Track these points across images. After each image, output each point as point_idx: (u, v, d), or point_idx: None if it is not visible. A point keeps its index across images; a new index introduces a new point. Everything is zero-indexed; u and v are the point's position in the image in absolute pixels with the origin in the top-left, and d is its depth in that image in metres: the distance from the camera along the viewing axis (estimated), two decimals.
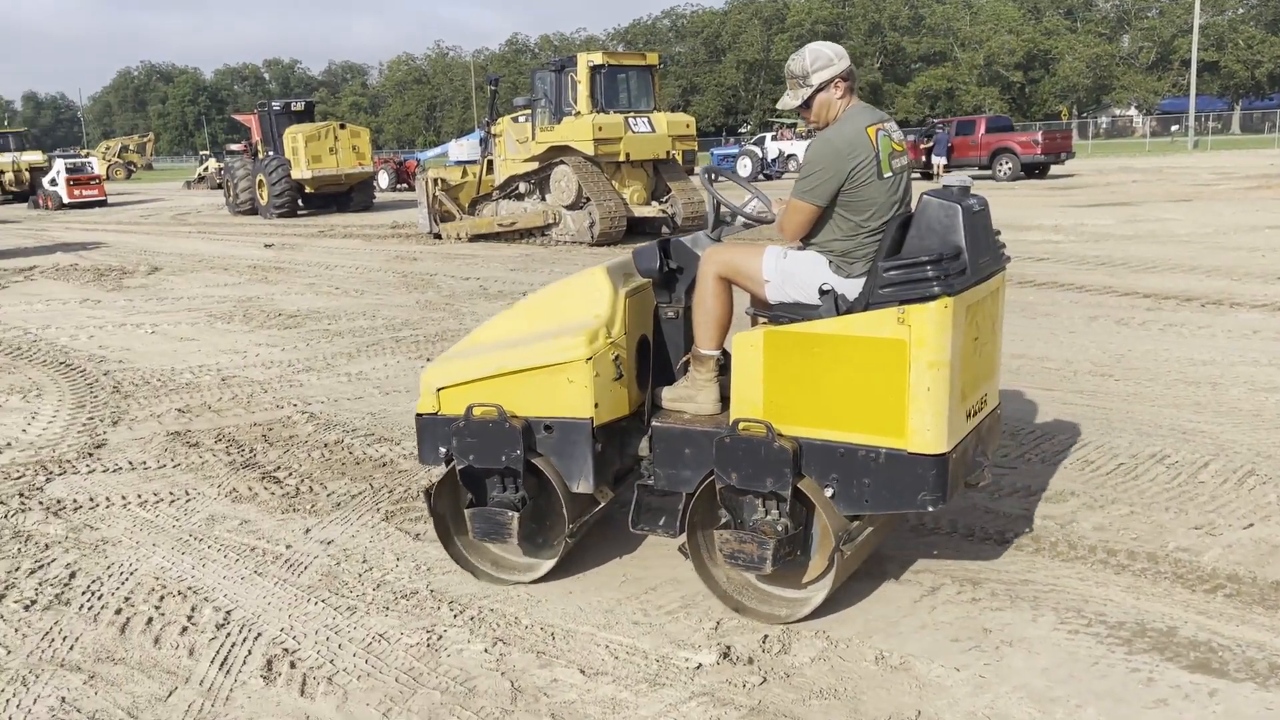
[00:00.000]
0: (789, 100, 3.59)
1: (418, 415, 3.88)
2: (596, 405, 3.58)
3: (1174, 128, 59.91)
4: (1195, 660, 3.10)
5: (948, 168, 29.06)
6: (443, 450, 3.81)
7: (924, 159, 29.82)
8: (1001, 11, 70.47)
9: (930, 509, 3.19)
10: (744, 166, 35.00)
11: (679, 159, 17.24)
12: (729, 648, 3.26)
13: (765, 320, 3.61)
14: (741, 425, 3.32)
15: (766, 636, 3.32)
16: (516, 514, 3.68)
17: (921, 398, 3.10)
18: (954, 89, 69.82)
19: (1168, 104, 67.54)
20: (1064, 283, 10.21)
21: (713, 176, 4.06)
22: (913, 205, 3.46)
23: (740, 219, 3.94)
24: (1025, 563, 3.84)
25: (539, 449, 3.68)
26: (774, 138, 42.08)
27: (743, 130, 71.45)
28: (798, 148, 39.78)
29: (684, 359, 3.80)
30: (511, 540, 3.73)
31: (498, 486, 3.79)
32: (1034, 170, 28.37)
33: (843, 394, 3.21)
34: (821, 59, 3.51)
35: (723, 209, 3.92)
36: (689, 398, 3.66)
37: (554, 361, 3.58)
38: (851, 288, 3.41)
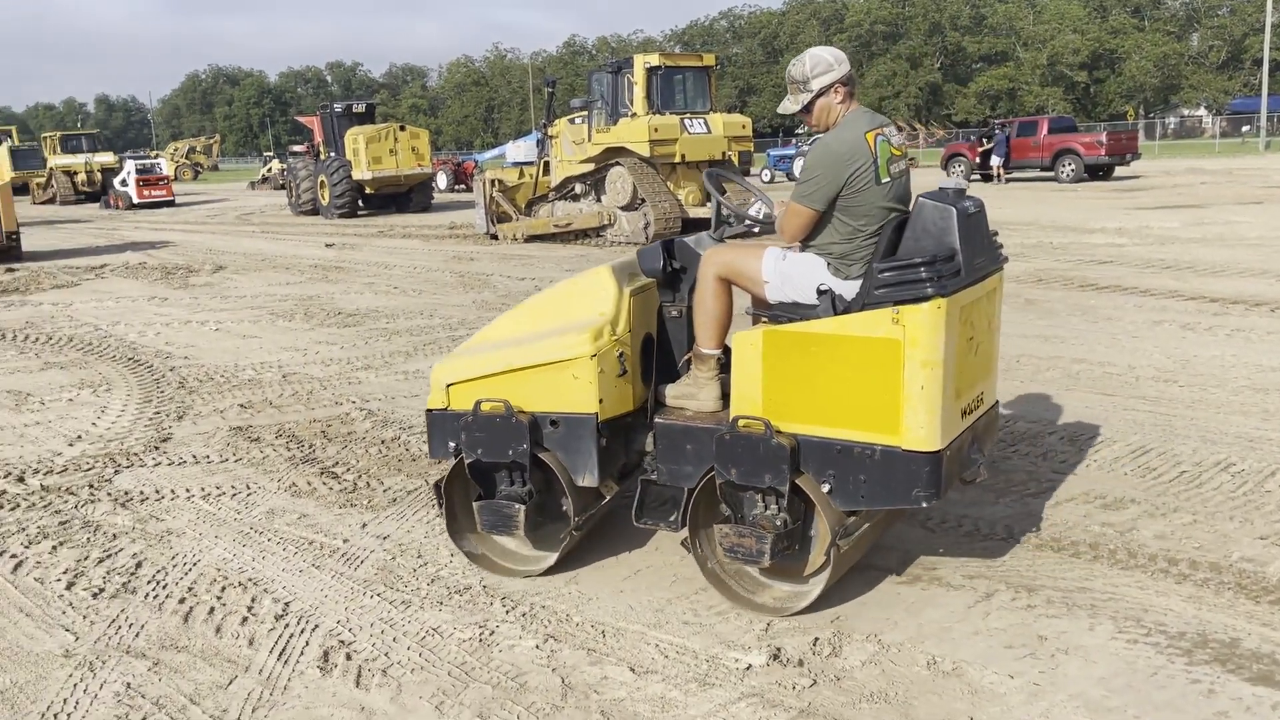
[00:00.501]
0: (789, 105, 3.66)
1: (428, 410, 3.97)
2: (601, 401, 3.66)
3: (1245, 128, 58.25)
4: (1258, 673, 3.03)
5: (1007, 169, 28.63)
6: (452, 444, 3.89)
7: (979, 160, 29.40)
8: (1066, 10, 69.12)
9: (924, 505, 3.25)
10: (799, 167, 34.74)
11: (735, 160, 17.21)
12: (779, 649, 3.25)
13: (765, 320, 3.67)
14: (741, 422, 3.39)
15: (817, 639, 3.31)
16: (523, 507, 3.76)
17: (915, 396, 3.16)
18: (1016, 89, 68.69)
19: (1238, 104, 65.61)
20: (1127, 286, 10.00)
21: (716, 178, 4.13)
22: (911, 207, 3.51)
23: (744, 221, 4.01)
24: (1083, 570, 3.78)
25: (545, 443, 3.76)
26: None
27: (799, 131, 71.00)
28: None
29: (686, 357, 3.87)
30: (518, 532, 3.81)
31: (505, 480, 3.89)
32: (1098, 172, 27.80)
33: (839, 392, 3.28)
34: (822, 64, 3.56)
35: (724, 210, 3.99)
36: (691, 395, 3.73)
37: (560, 358, 3.67)
38: (849, 289, 3.46)
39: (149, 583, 3.93)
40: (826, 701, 2.97)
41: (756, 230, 4.18)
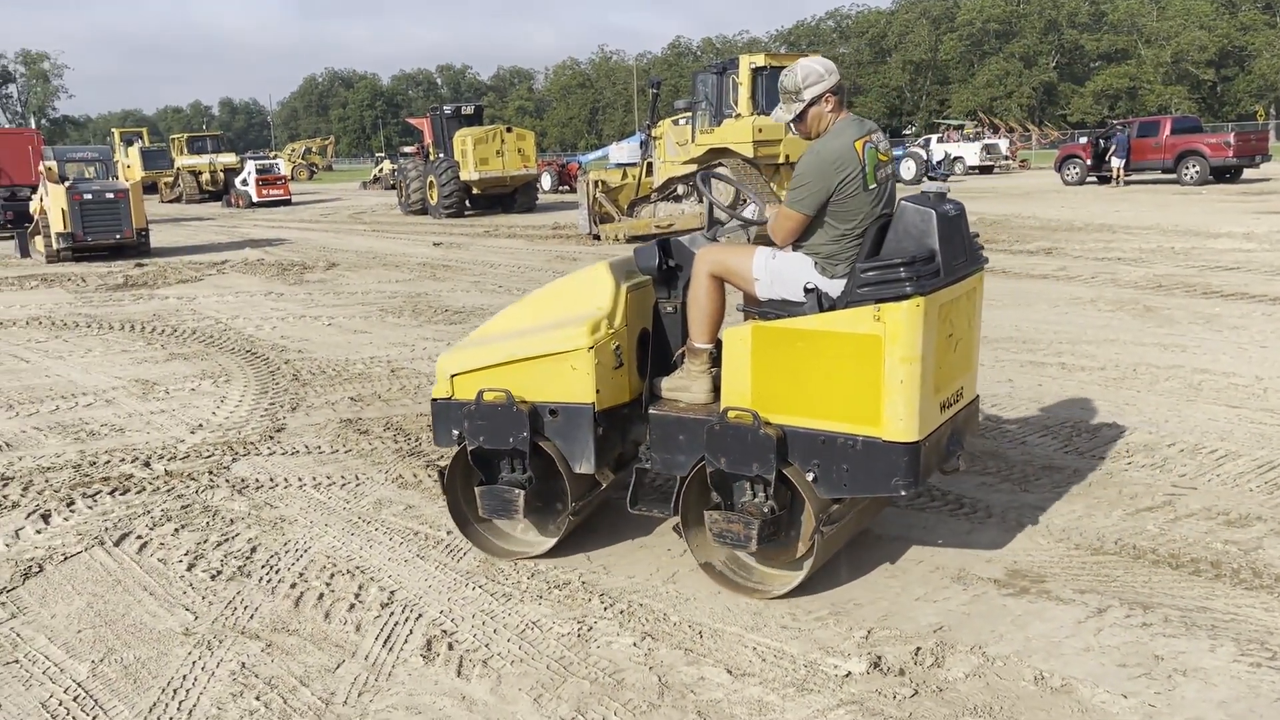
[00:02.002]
0: (782, 115, 3.81)
1: (433, 400, 4.14)
2: (598, 391, 3.82)
3: None
4: None
5: (1128, 171, 27.59)
6: (455, 432, 4.07)
7: (1090, 162, 28.39)
8: (1192, 6, 66.23)
9: (903, 493, 3.38)
10: (908, 169, 34.10)
11: None
12: (879, 657, 3.20)
13: (755, 316, 3.79)
14: (731, 413, 3.54)
15: (919, 649, 3.25)
16: (522, 492, 3.92)
17: (895, 390, 3.30)
18: (1136, 88, 66.14)
19: None
20: (1255, 294, 9.53)
21: (709, 180, 4.16)
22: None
23: (735, 221, 4.12)
24: (1203, 589, 3.62)
25: (545, 432, 3.93)
26: (940, 139, 40.94)
27: (907, 132, 69.69)
28: (965, 150, 38.61)
29: (680, 351, 4.01)
30: (518, 517, 3.98)
31: (506, 467, 4.06)
32: (1225, 174, 26.56)
33: (824, 385, 3.43)
34: (813, 75, 3.70)
35: (716, 211, 4.13)
36: (684, 388, 3.88)
37: (559, 350, 3.83)
38: (834, 287, 3.62)
39: (263, 567, 4.08)
40: (928, 713, 2.91)
41: (749, 230, 4.27)
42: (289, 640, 3.47)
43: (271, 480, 5.14)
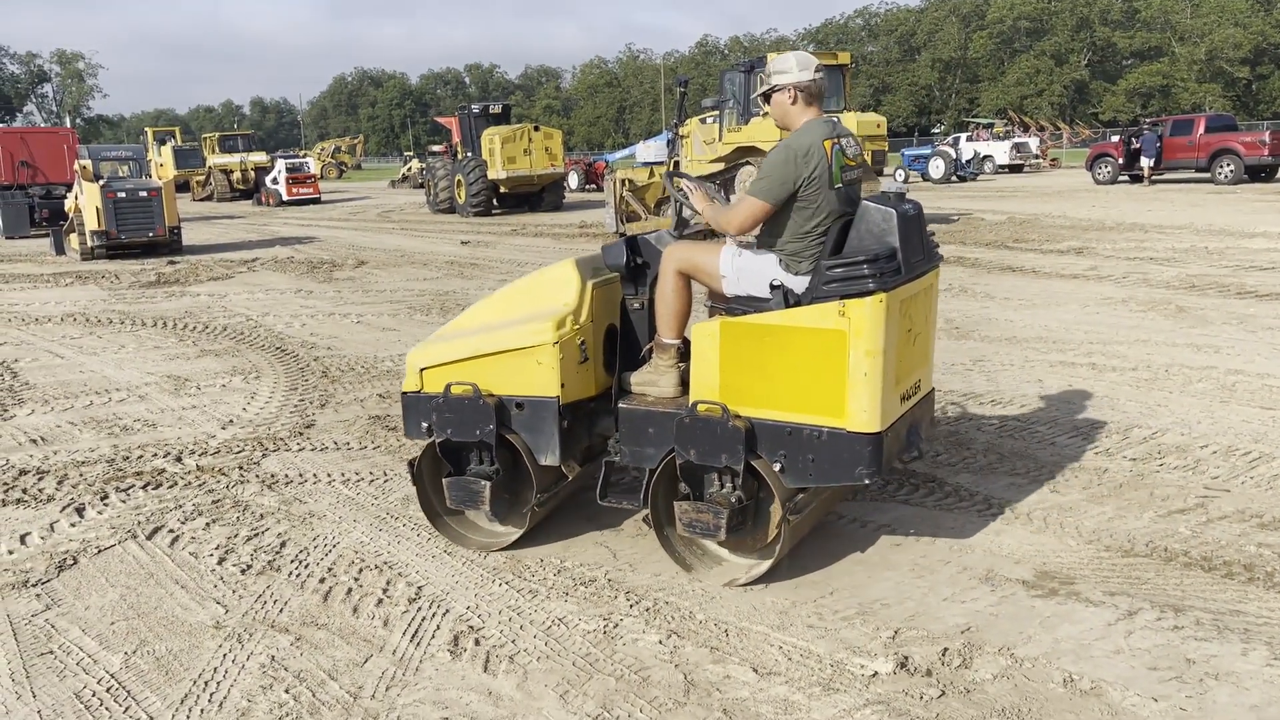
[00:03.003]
0: (758, 91, 3.98)
1: (403, 393, 4.23)
2: (563, 385, 3.91)
3: None
4: None
5: (1156, 170, 27.28)
6: (424, 425, 4.15)
7: (1122, 161, 28.08)
8: (1226, 3, 65.30)
9: (866, 482, 3.51)
10: (936, 168, 33.88)
11: (869, 160, 16.89)
12: (906, 658, 3.19)
13: (722, 312, 3.88)
14: (700, 406, 3.63)
15: (946, 650, 3.23)
16: (488, 484, 4.00)
17: (859, 382, 3.42)
18: (1170, 86, 65.29)
19: None
20: None
21: (674, 178, 4.29)
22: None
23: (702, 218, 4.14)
24: (1237, 592, 3.58)
25: (511, 425, 4.02)
26: (969, 138, 40.61)
27: (935, 130, 69.22)
28: (995, 148, 38.28)
29: (648, 347, 4.09)
30: (484, 507, 4.06)
31: (473, 459, 4.14)
32: (1260, 173, 26.18)
33: (790, 379, 3.53)
34: (783, 65, 3.83)
35: (684, 210, 4.23)
36: (652, 382, 3.98)
37: (524, 345, 3.93)
38: (799, 284, 3.72)
39: (292, 561, 4.12)
40: (955, 714, 2.89)
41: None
42: (318, 634, 3.50)
43: (301, 476, 5.19)
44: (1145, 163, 27.14)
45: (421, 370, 4.16)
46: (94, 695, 3.14)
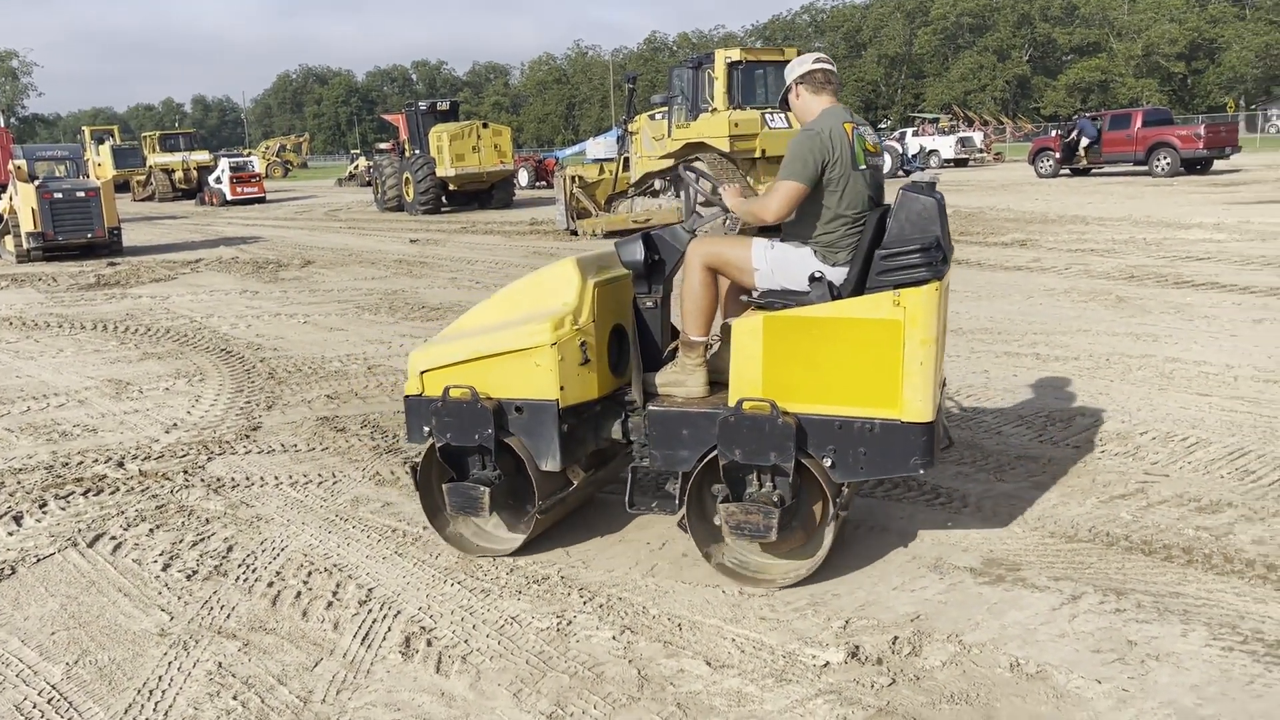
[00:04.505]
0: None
1: (405, 396, 4.12)
2: (562, 388, 3.80)
3: None
4: None
5: (1094, 157, 28.01)
6: (425, 429, 4.04)
7: (1059, 155, 28.69)
8: None
9: (920, 471, 3.48)
10: (884, 162, 34.27)
11: None
12: (857, 647, 3.22)
13: (753, 307, 3.82)
14: (746, 404, 3.53)
15: (896, 638, 3.27)
16: (488, 489, 3.91)
17: (915, 372, 3.40)
18: (1108, 81, 66.65)
19: None
20: (1226, 284, 9.64)
21: (692, 172, 4.22)
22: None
23: (716, 213, 4.09)
24: (1176, 575, 3.66)
25: (510, 429, 3.91)
26: (915, 133, 41.11)
27: (883, 126, 69.94)
28: (940, 143, 38.78)
29: (672, 345, 4.03)
30: (484, 514, 3.98)
31: (476, 464, 4.04)
32: (1195, 166, 26.83)
33: (840, 371, 3.48)
34: (795, 64, 3.92)
35: (695, 202, 4.14)
36: (679, 382, 3.88)
37: (522, 346, 3.82)
38: (838, 275, 3.70)
39: (239, 566, 4.06)
40: (905, 701, 2.93)
41: (734, 221, 4.26)
42: (266, 639, 3.45)
43: (247, 479, 5.11)
44: (1084, 142, 27.85)
45: (422, 373, 4.04)
46: (35, 707, 3.07)
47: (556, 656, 3.26)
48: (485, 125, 25.81)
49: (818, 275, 3.67)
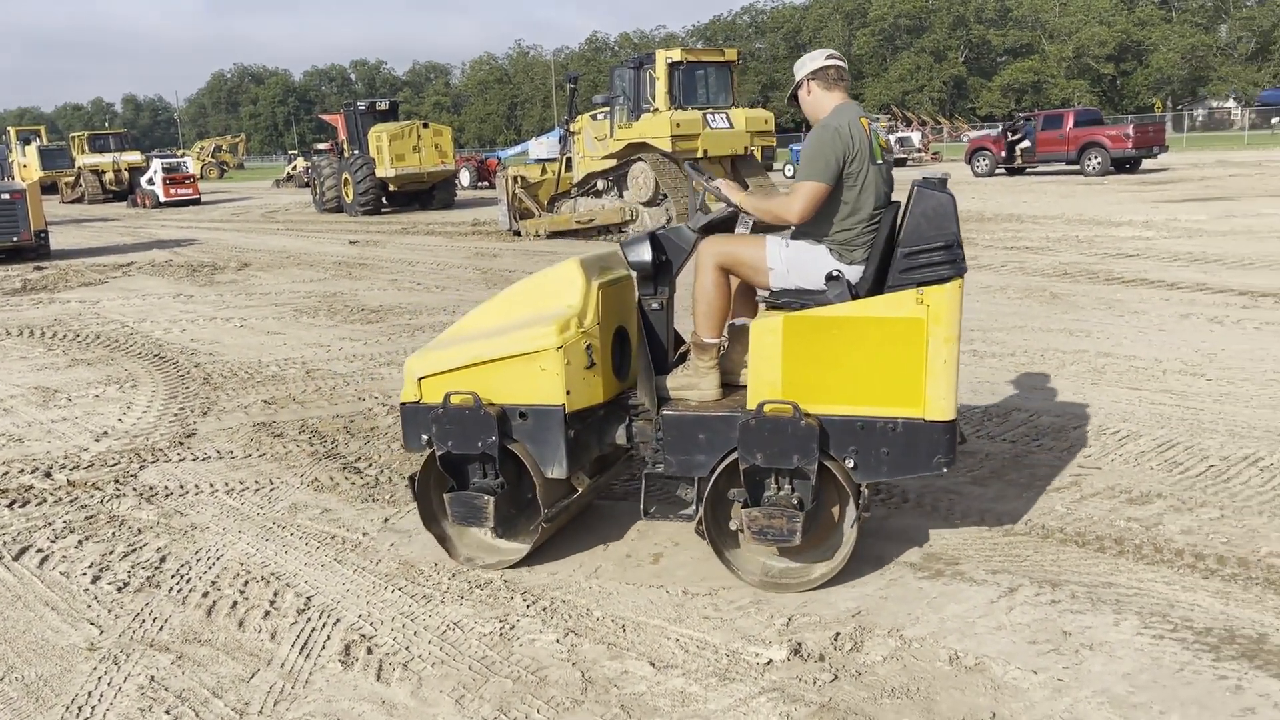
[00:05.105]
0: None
1: (402, 404, 3.98)
2: (569, 393, 3.70)
3: (1274, 120, 57.49)
4: None
5: (1030, 161, 28.59)
6: (424, 437, 3.91)
7: (1005, 154, 29.26)
8: (1092, 2, 68.46)
9: (944, 470, 3.47)
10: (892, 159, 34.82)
11: (758, 155, 17.14)
12: (800, 644, 3.24)
13: (765, 307, 3.81)
14: (768, 407, 3.47)
15: (838, 634, 3.29)
16: (492, 499, 3.79)
17: (939, 370, 3.38)
18: (1041, 82, 68.10)
19: (1267, 95, 64.72)
20: (1154, 280, 9.89)
21: (700, 171, 4.13)
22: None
23: (722, 208, 4.03)
24: (1108, 565, 3.74)
25: (514, 435, 3.79)
26: None
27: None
28: None
29: (684, 348, 3.97)
30: (488, 524, 3.85)
31: (477, 472, 3.92)
32: (1125, 165, 27.53)
33: (862, 371, 3.45)
34: (799, 64, 3.90)
35: (703, 201, 4.02)
36: (692, 385, 3.81)
37: (526, 350, 3.71)
38: (854, 273, 3.67)
39: (173, 577, 3.96)
40: (847, 697, 2.95)
41: (748, 221, 4.20)
42: (201, 651, 3.38)
43: (181, 487, 5.00)
44: (1026, 144, 28.53)
45: (420, 379, 3.89)
46: None
47: (499, 661, 3.23)
48: (426, 125, 25.60)
49: (836, 274, 3.64)
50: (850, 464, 3.50)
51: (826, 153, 3.59)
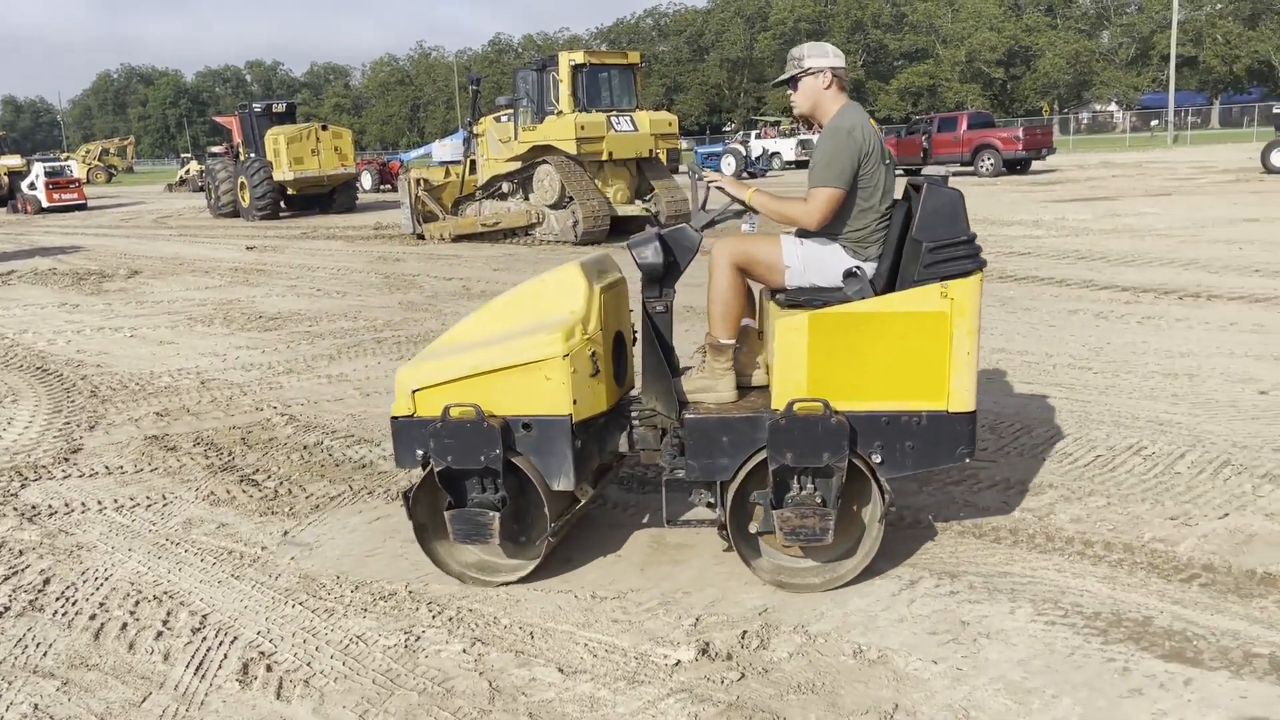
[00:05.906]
0: (783, 76, 3.87)
1: (393, 418, 3.79)
2: (575, 402, 3.58)
3: (1154, 123, 60.23)
4: (1170, 650, 3.12)
5: (926, 162, 29.32)
6: (420, 452, 3.73)
7: (923, 156, 30.03)
8: (982, 8, 70.69)
9: (967, 460, 3.55)
10: (728, 165, 35.04)
11: (662, 157, 17.23)
12: (707, 644, 3.25)
13: (792, 305, 3.76)
14: (797, 405, 3.46)
15: (745, 632, 3.32)
16: (497, 514, 3.65)
17: (962, 362, 3.45)
18: (936, 86, 70.04)
19: (1147, 99, 67.93)
20: (1044, 277, 10.25)
21: (699, 173, 4.10)
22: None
23: (726, 204, 3.97)
24: (1004, 555, 3.86)
25: (518, 448, 3.65)
26: (758, 135, 42.15)
27: (726, 128, 71.51)
28: (782, 145, 39.90)
29: (698, 349, 3.95)
30: (493, 541, 3.72)
31: (477, 487, 3.76)
32: (1015, 166, 28.50)
33: (887, 366, 3.48)
34: (819, 50, 3.82)
35: (711, 202, 3.98)
36: (709, 388, 3.77)
37: (531, 359, 3.56)
38: (868, 269, 3.71)
39: (58, 599, 3.79)
40: (754, 694, 2.98)
41: (753, 221, 4.12)
42: (88, 676, 3.23)
43: (67, 505, 4.78)
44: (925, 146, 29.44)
45: (414, 392, 3.68)
46: None
47: (404, 674, 3.17)
48: (325, 127, 25.09)
49: (855, 270, 3.66)
50: (877, 459, 3.53)
51: (842, 158, 3.61)
